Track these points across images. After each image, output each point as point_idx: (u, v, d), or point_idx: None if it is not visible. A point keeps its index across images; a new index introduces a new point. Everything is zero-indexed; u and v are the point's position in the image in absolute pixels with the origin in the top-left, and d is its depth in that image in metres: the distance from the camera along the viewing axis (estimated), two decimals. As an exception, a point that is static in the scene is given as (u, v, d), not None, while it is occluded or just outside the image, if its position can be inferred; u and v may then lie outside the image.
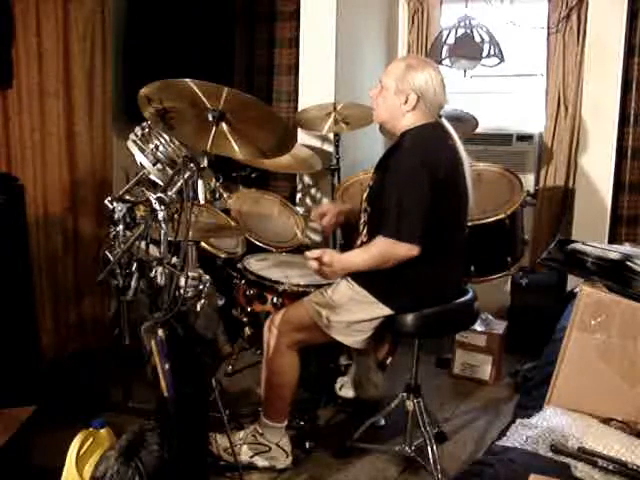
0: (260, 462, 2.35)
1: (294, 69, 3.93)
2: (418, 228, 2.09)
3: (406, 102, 2.19)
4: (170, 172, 2.02)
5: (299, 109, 3.78)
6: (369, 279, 2.21)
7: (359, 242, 2.35)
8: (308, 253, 2.26)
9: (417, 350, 2.40)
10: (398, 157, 2.21)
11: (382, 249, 2.13)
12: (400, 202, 2.10)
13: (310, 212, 3.12)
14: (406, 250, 2.09)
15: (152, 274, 1.82)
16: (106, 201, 1.86)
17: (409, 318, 2.21)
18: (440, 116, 2.27)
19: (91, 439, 1.92)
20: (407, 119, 2.22)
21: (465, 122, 3.37)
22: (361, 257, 2.20)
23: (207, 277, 2.05)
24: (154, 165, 2.14)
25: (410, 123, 2.22)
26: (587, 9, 3.50)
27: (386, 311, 2.22)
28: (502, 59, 3.43)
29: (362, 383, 2.74)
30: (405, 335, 2.36)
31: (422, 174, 2.10)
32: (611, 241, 3.40)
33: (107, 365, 2.88)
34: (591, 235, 2.95)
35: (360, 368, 2.74)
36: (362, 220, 2.35)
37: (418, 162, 2.12)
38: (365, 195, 2.35)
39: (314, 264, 2.22)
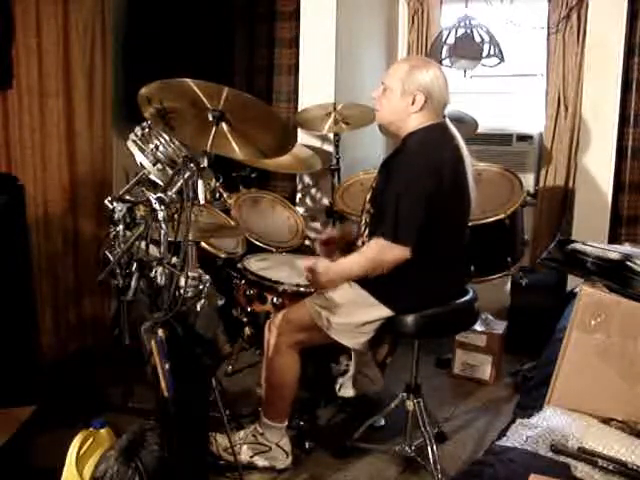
0: (260, 462, 2.35)
1: (294, 69, 3.92)
2: (414, 233, 2.09)
3: (413, 103, 2.17)
4: (170, 172, 2.02)
5: (299, 109, 3.78)
6: (370, 280, 2.20)
7: (360, 243, 2.34)
8: (304, 263, 2.28)
9: (417, 350, 2.40)
10: (402, 160, 2.20)
11: (375, 251, 2.13)
12: (398, 205, 2.09)
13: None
14: (399, 252, 2.09)
15: (152, 274, 1.82)
16: (106, 201, 1.86)
17: (409, 319, 2.20)
18: (444, 116, 2.26)
19: (91, 439, 1.92)
20: (413, 120, 2.21)
21: (465, 124, 3.37)
22: (354, 262, 2.21)
23: (207, 277, 2.05)
24: (154, 165, 2.13)
25: (417, 124, 2.21)
26: (587, 9, 3.49)
27: (387, 312, 2.21)
28: (502, 59, 3.43)
29: (359, 379, 2.74)
30: (405, 336, 2.35)
31: (424, 179, 2.10)
32: (611, 241, 3.40)
33: (107, 365, 2.88)
34: (591, 235, 2.95)
35: (358, 364, 2.75)
36: (363, 221, 2.35)
37: (421, 166, 2.12)
38: (369, 196, 2.35)
39: (308, 276, 2.24)
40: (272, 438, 2.35)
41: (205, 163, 1.94)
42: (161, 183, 2.05)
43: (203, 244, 2.74)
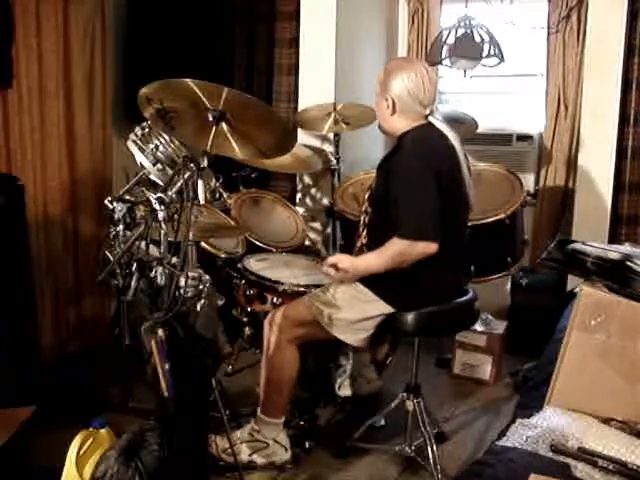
0: (259, 459, 2.35)
1: (294, 69, 3.92)
2: (432, 224, 2.09)
3: (388, 106, 2.21)
4: (170, 172, 2.02)
5: (299, 109, 3.78)
6: (371, 277, 2.21)
7: (359, 244, 2.34)
8: (327, 260, 2.28)
9: (417, 350, 2.41)
10: (401, 159, 2.20)
11: (399, 250, 2.12)
12: (411, 202, 2.10)
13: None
14: (423, 248, 2.08)
15: (152, 274, 1.82)
16: (106, 201, 1.86)
17: (410, 317, 2.21)
18: (427, 116, 2.25)
19: (91, 439, 1.91)
20: (397, 122, 2.24)
21: (465, 124, 3.36)
22: (378, 261, 2.19)
23: (207, 277, 2.05)
24: (154, 165, 2.14)
25: (402, 126, 2.23)
26: (587, 9, 3.49)
27: (387, 308, 2.22)
28: (502, 59, 3.43)
29: (356, 379, 2.74)
30: (405, 334, 2.36)
31: (428, 174, 2.10)
32: (611, 241, 3.40)
33: (107, 365, 2.88)
34: (591, 235, 2.95)
35: (355, 364, 2.74)
36: (361, 222, 2.34)
37: (422, 162, 2.13)
38: (366, 196, 2.35)
39: (331, 271, 2.24)
40: (269, 434, 2.35)
41: (205, 163, 1.94)
42: (161, 183, 2.05)
43: (203, 244, 2.74)
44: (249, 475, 2.32)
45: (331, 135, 3.71)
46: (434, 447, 2.32)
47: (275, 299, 2.53)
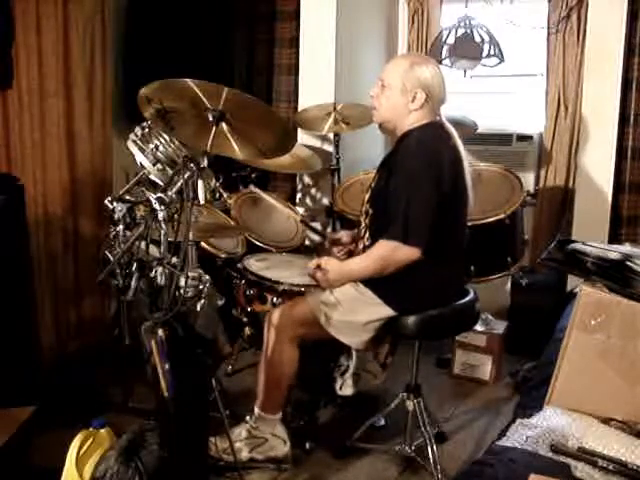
0: (260, 455, 2.34)
1: (294, 69, 3.93)
2: (424, 231, 2.08)
3: (413, 100, 2.17)
4: (170, 172, 2.02)
5: (299, 109, 3.78)
6: (373, 279, 2.20)
7: (361, 246, 2.33)
8: (312, 261, 2.29)
9: (417, 350, 2.40)
10: (403, 159, 2.19)
11: (384, 252, 2.12)
12: (406, 205, 2.09)
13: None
14: (409, 253, 2.08)
15: (152, 274, 1.82)
16: (106, 201, 1.86)
17: (411, 320, 2.20)
18: (439, 114, 2.26)
19: (91, 439, 1.92)
20: (411, 118, 2.21)
21: (465, 126, 3.36)
22: (361, 264, 2.20)
23: (207, 277, 2.05)
24: (154, 165, 2.13)
25: (413, 122, 2.20)
26: (587, 9, 3.49)
27: (389, 312, 2.21)
28: (502, 59, 3.43)
29: (360, 375, 2.74)
30: (407, 337, 2.35)
31: (428, 176, 2.09)
32: (611, 241, 3.40)
33: (107, 365, 2.88)
34: (591, 235, 2.95)
35: (358, 361, 2.74)
36: (363, 224, 2.34)
37: (424, 164, 2.11)
38: (367, 197, 2.34)
39: (315, 272, 2.24)
40: (267, 429, 2.34)
41: (205, 163, 1.94)
42: (161, 183, 2.05)
43: (203, 244, 2.74)
44: (249, 475, 2.32)
45: (331, 135, 3.71)
46: (434, 447, 2.32)
47: (275, 299, 2.53)
